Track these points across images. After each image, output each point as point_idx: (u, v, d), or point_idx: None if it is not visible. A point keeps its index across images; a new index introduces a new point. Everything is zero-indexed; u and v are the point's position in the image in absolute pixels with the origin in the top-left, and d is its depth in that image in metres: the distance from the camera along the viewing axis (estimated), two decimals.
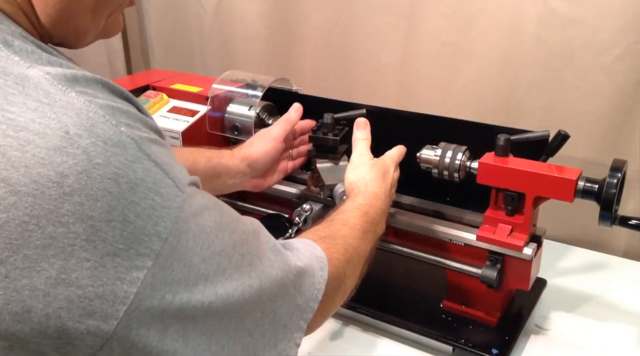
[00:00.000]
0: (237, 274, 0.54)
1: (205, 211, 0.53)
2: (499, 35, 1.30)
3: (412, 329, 1.01)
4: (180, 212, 0.50)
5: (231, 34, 1.67)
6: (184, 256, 0.50)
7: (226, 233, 0.54)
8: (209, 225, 0.53)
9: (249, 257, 0.56)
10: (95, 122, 0.47)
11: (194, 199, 0.52)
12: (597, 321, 1.07)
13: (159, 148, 0.51)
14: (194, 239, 0.51)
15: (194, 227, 0.51)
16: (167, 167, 0.50)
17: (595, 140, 1.26)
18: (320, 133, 1.08)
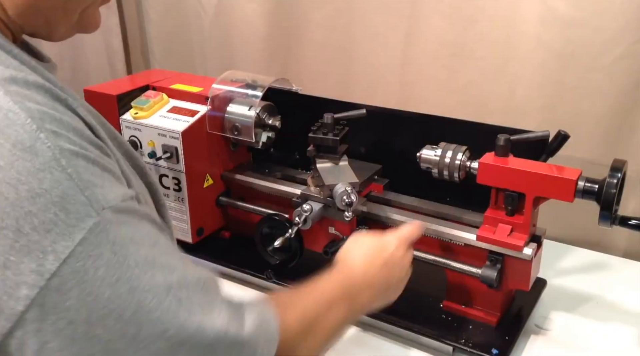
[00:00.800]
0: (165, 319, 0.48)
1: (132, 244, 0.48)
2: (499, 35, 1.30)
3: (412, 329, 1.01)
4: (89, 234, 0.46)
5: (231, 34, 1.67)
6: (90, 284, 0.45)
7: (158, 273, 0.49)
8: (134, 259, 0.48)
9: (187, 304, 0.50)
10: (12, 123, 0.45)
11: (119, 227, 0.48)
12: (597, 321, 1.07)
13: (85, 163, 0.48)
14: (107, 268, 0.46)
15: (109, 255, 0.46)
16: (85, 184, 0.47)
17: (595, 140, 1.26)
18: (320, 133, 1.08)
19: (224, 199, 1.25)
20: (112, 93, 1.20)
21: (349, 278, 0.77)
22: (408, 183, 1.12)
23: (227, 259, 1.21)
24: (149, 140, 1.17)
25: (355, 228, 1.07)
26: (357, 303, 0.75)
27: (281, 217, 1.09)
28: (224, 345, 0.53)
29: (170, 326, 0.49)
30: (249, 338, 0.55)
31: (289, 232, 1.03)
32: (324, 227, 1.09)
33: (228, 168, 1.26)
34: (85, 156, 0.48)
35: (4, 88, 0.47)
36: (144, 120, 1.18)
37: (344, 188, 1.01)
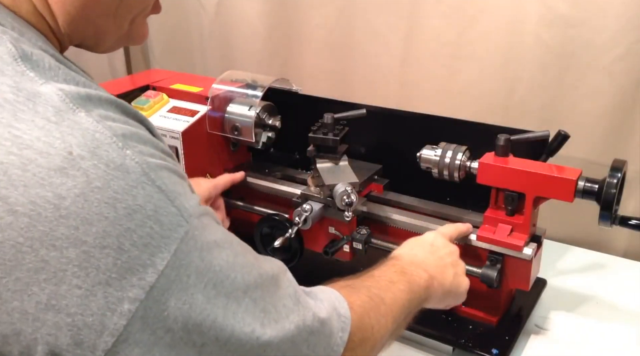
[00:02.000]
0: (247, 319, 0.50)
1: (216, 248, 0.50)
2: (499, 35, 1.30)
3: (412, 329, 1.01)
4: (181, 244, 0.47)
5: (231, 33, 1.67)
6: (184, 291, 0.47)
7: (239, 274, 0.51)
8: (218, 264, 0.49)
9: (262, 303, 0.52)
10: (101, 143, 0.46)
11: (202, 232, 0.49)
12: (597, 321, 1.07)
13: (168, 174, 0.49)
14: (197, 275, 0.48)
15: (198, 262, 0.48)
16: (174, 195, 0.48)
17: (595, 140, 1.26)
18: (320, 133, 1.08)
19: (224, 199, 1.25)
20: (112, 93, 1.20)
21: (399, 262, 0.80)
22: (408, 183, 1.12)
23: None
24: None
25: (356, 229, 1.07)
26: (415, 282, 0.77)
27: (281, 217, 1.09)
28: (305, 335, 0.54)
29: (254, 324, 0.50)
30: (325, 321, 0.57)
31: (289, 232, 1.03)
32: (324, 227, 1.09)
33: (228, 168, 1.26)
34: (166, 167, 0.49)
35: (84, 108, 0.47)
36: None
37: (344, 188, 1.01)
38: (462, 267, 0.90)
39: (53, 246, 0.44)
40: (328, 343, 0.57)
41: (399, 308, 0.72)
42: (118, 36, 0.61)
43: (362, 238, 1.06)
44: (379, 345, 0.67)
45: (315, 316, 0.56)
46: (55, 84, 0.48)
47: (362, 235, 1.06)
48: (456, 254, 0.90)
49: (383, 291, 0.71)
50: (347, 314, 0.61)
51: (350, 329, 0.60)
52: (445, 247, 0.89)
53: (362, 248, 1.06)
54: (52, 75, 0.48)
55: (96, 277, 0.44)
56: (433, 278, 0.81)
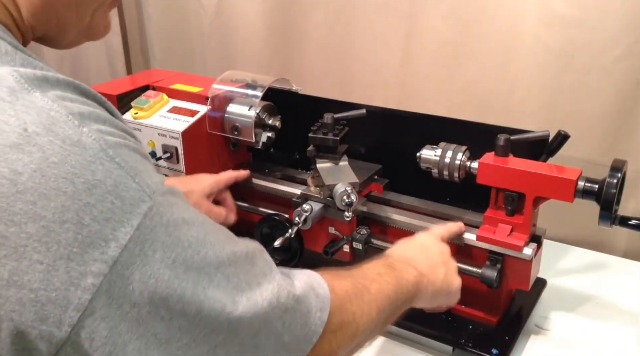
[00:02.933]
0: (217, 295, 0.50)
1: (184, 225, 0.50)
2: (499, 35, 1.30)
3: (412, 329, 1.01)
4: (145, 219, 0.47)
5: (231, 34, 1.67)
6: (149, 266, 0.47)
7: (210, 251, 0.51)
8: (186, 239, 0.49)
9: (234, 280, 0.52)
10: (56, 121, 0.46)
11: (169, 209, 0.49)
12: (597, 321, 1.07)
13: (128, 152, 0.49)
14: (164, 250, 0.47)
15: (164, 237, 0.48)
16: (134, 171, 0.48)
17: (595, 140, 1.26)
18: (320, 133, 1.08)
19: None
20: (112, 93, 1.20)
21: (388, 258, 0.81)
22: (408, 183, 1.12)
23: None
24: (149, 140, 1.17)
25: (356, 229, 1.07)
26: (403, 277, 0.77)
27: (281, 217, 1.09)
28: (278, 312, 0.54)
29: (226, 300, 0.50)
30: (301, 299, 0.57)
31: (289, 232, 1.03)
32: (324, 227, 1.09)
33: (228, 168, 1.26)
34: (126, 145, 0.49)
35: (40, 88, 0.48)
36: (144, 120, 1.18)
37: (344, 188, 1.01)
38: (454, 266, 0.90)
39: (12, 221, 0.44)
40: (305, 322, 0.57)
41: (384, 299, 0.71)
42: (79, 29, 0.61)
43: (362, 238, 1.06)
44: (361, 333, 0.66)
45: (290, 294, 0.56)
46: (11, 67, 0.49)
47: (362, 235, 1.06)
48: (447, 253, 0.90)
49: (369, 281, 0.70)
50: (326, 294, 0.60)
51: (330, 310, 0.60)
52: (435, 246, 0.89)
53: (362, 248, 1.06)
54: (7, 60, 0.49)
55: (57, 252, 0.44)
56: (423, 275, 0.81)
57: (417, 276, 0.80)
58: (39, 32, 0.59)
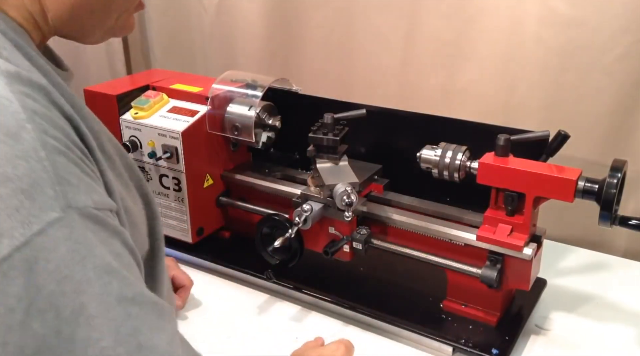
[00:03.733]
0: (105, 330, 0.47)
1: (97, 248, 0.48)
2: (499, 35, 1.30)
3: (412, 329, 1.01)
4: (48, 227, 0.46)
5: (232, 34, 1.67)
6: (36, 276, 0.45)
7: (116, 282, 0.49)
8: (92, 262, 0.47)
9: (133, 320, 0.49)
10: (5, 109, 0.47)
11: (82, 229, 0.47)
12: (597, 321, 1.07)
13: (65, 161, 0.48)
14: (58, 264, 0.46)
15: (65, 251, 0.46)
16: (59, 179, 0.47)
17: (595, 140, 1.26)
18: (320, 133, 1.08)
19: (224, 199, 1.26)
20: (112, 93, 1.20)
21: None
22: (408, 183, 1.12)
23: (227, 259, 1.21)
24: (149, 140, 1.17)
25: (356, 229, 1.07)
26: None
27: (281, 217, 1.09)
28: None
29: (107, 336, 0.48)
30: None
31: (289, 232, 1.03)
32: (324, 227, 1.09)
33: (228, 168, 1.26)
34: (67, 155, 0.49)
35: (7, 79, 0.49)
36: (144, 120, 1.18)
37: (344, 188, 1.01)
38: None
39: None
40: None
41: None
42: (103, 31, 0.63)
43: (362, 238, 1.06)
44: None
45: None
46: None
47: (362, 235, 1.06)
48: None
49: None
50: None
51: None
52: None
53: (362, 248, 1.06)
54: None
55: None
56: None
57: None
58: (62, 32, 0.61)
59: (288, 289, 1.12)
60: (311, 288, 1.11)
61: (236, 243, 1.27)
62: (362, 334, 1.04)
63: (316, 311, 1.10)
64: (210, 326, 1.06)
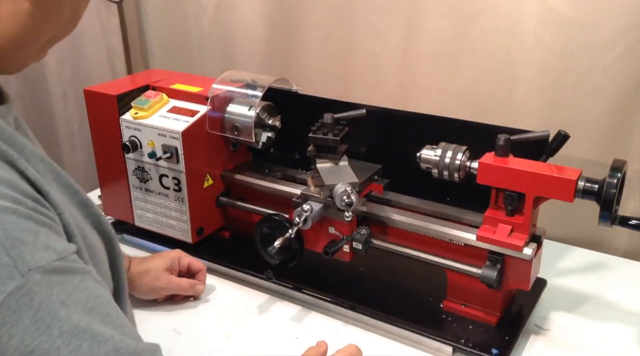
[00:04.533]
0: None
1: (63, 309, 0.45)
2: (499, 35, 1.30)
3: (412, 329, 1.01)
4: (9, 299, 0.43)
5: (231, 34, 1.67)
6: (3, 353, 0.43)
7: (85, 344, 0.46)
8: (60, 328, 0.45)
9: None
10: None
11: (46, 290, 0.45)
12: (597, 321, 1.07)
13: (15, 219, 0.45)
14: (22, 337, 0.44)
15: (28, 321, 0.44)
16: (12, 243, 0.44)
17: (595, 140, 1.26)
18: (320, 133, 1.08)
19: (224, 199, 1.26)
20: (112, 93, 1.20)
21: None
22: (408, 183, 1.12)
23: (227, 259, 1.21)
24: (149, 140, 1.17)
25: (356, 229, 1.07)
26: None
27: (281, 217, 1.09)
28: None
29: None
30: None
31: (289, 232, 1.03)
32: (324, 227, 1.09)
33: (228, 168, 1.26)
34: (16, 211, 0.46)
35: None
36: (144, 120, 1.18)
37: (344, 188, 1.01)
38: None
39: None
40: None
41: None
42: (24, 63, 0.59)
43: (362, 238, 1.06)
44: None
45: None
46: None
47: (362, 235, 1.06)
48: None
49: None
50: None
51: None
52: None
53: (362, 248, 1.06)
54: None
55: None
56: None
57: None
58: None
59: (288, 289, 1.12)
60: (311, 288, 1.11)
61: (236, 243, 1.27)
62: (362, 334, 1.04)
63: (316, 311, 1.10)
64: (210, 326, 1.06)
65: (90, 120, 1.26)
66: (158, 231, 1.25)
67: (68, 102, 1.84)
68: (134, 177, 1.23)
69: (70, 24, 0.58)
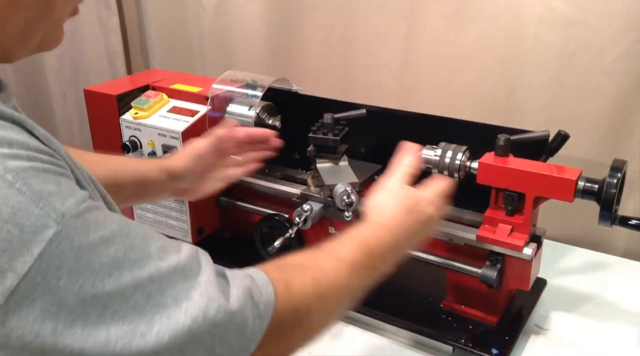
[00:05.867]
0: (131, 317, 0.48)
1: (101, 245, 0.48)
2: (499, 35, 1.30)
3: (412, 329, 1.01)
4: (50, 246, 0.45)
5: (231, 34, 1.67)
6: (52, 294, 0.45)
7: (127, 271, 0.49)
8: (100, 261, 0.47)
9: (156, 298, 0.49)
10: None
11: (82, 231, 0.47)
12: (597, 321, 1.07)
13: (35, 174, 0.47)
14: (69, 276, 0.46)
15: (72, 262, 0.46)
16: (39, 195, 0.46)
17: (595, 140, 1.26)
18: (320, 133, 1.08)
19: (224, 199, 1.25)
20: (112, 93, 1.20)
21: (378, 241, 0.74)
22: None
23: (227, 259, 1.20)
24: (149, 140, 1.17)
25: None
26: (385, 265, 0.74)
27: (281, 217, 1.09)
28: (206, 327, 0.51)
29: (139, 322, 0.48)
30: (235, 312, 0.53)
31: (289, 232, 1.03)
32: (324, 227, 1.09)
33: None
34: (33, 167, 0.47)
35: None
36: (144, 120, 1.18)
37: (344, 188, 1.01)
38: (426, 201, 0.80)
39: None
40: (241, 332, 0.54)
41: (348, 296, 0.69)
42: (30, 50, 0.59)
43: None
44: (317, 330, 0.66)
45: (220, 308, 0.52)
46: None
47: None
48: (415, 195, 0.80)
49: (339, 276, 0.67)
50: (269, 301, 0.57)
51: (274, 315, 0.57)
52: (427, 215, 0.80)
53: None
54: None
55: None
56: (402, 253, 0.78)
57: (395, 258, 0.76)
58: None
59: None
60: None
61: (236, 243, 1.27)
62: (362, 334, 1.04)
63: None
64: None
65: (90, 120, 1.26)
66: (158, 231, 1.25)
67: (68, 102, 1.84)
68: None
69: (46, 8, 0.56)
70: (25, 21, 0.55)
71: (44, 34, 0.58)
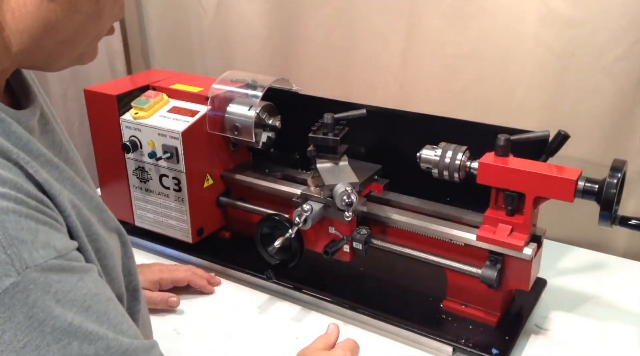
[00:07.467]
0: None
1: (56, 307, 0.46)
2: (499, 35, 1.30)
3: (412, 329, 1.01)
4: (4, 296, 0.44)
5: (231, 34, 1.67)
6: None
7: (76, 342, 0.47)
8: (52, 325, 0.46)
9: None
10: None
11: (42, 288, 0.46)
12: (597, 321, 1.07)
13: (15, 218, 0.46)
14: (15, 333, 0.45)
15: (22, 319, 0.45)
16: (11, 241, 0.45)
17: (595, 140, 1.26)
18: (320, 133, 1.08)
19: (224, 199, 1.26)
20: (112, 93, 1.20)
21: None
22: (408, 183, 1.12)
23: (227, 259, 1.21)
24: (149, 140, 1.17)
25: (356, 229, 1.07)
26: None
27: (281, 217, 1.09)
28: None
29: None
30: None
31: (289, 232, 1.03)
32: (324, 227, 1.09)
33: (228, 168, 1.26)
34: (16, 210, 0.46)
35: None
36: (144, 120, 1.18)
37: (344, 188, 1.01)
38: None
39: None
40: None
41: None
42: (70, 60, 0.61)
43: (362, 238, 1.06)
44: None
45: None
46: None
47: (362, 235, 1.06)
48: None
49: None
50: None
51: None
52: None
53: (362, 248, 1.06)
54: None
55: None
56: None
57: None
58: (27, 65, 0.59)
59: (288, 289, 1.12)
60: (311, 288, 1.11)
61: (236, 243, 1.27)
62: (362, 334, 1.04)
63: (316, 311, 1.10)
64: (210, 326, 1.06)
65: (90, 120, 1.26)
66: (158, 231, 1.25)
67: (68, 102, 1.84)
68: (134, 177, 1.23)
69: (95, 14, 0.58)
70: (76, 27, 0.57)
71: (86, 44, 0.60)
